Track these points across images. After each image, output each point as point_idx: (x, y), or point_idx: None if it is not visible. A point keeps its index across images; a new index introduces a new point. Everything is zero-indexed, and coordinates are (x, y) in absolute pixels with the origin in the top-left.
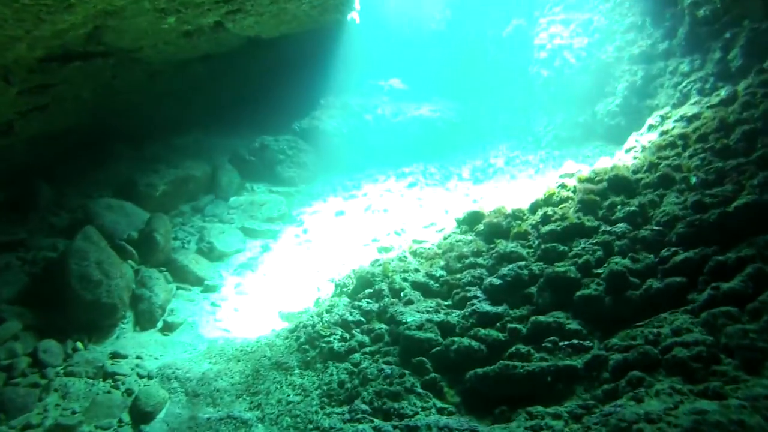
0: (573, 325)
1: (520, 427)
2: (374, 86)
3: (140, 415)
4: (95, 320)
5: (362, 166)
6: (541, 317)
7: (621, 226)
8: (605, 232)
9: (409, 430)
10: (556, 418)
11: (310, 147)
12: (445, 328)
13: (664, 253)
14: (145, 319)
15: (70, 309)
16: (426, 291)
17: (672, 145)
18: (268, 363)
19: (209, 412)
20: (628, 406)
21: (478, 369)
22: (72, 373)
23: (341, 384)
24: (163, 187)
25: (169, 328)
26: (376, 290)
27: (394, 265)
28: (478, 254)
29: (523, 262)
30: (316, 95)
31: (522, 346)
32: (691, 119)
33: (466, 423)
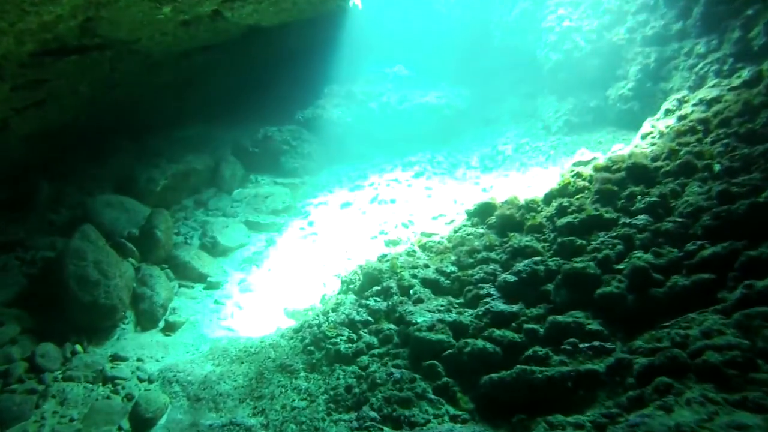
0: (593, 325)
1: None
2: (379, 73)
3: (140, 421)
4: (94, 322)
5: (368, 156)
6: (560, 317)
7: (642, 218)
8: (625, 224)
9: None
10: (578, 428)
11: (315, 137)
12: (458, 329)
13: (690, 247)
14: (146, 319)
15: (67, 311)
16: (436, 288)
17: (692, 130)
18: (273, 365)
19: (211, 417)
20: (657, 417)
21: (494, 374)
22: (70, 378)
23: (348, 389)
24: (164, 181)
25: (170, 328)
26: (384, 287)
27: (403, 261)
28: (491, 249)
29: (539, 258)
30: (320, 84)
31: (540, 349)
32: (711, 102)
33: None
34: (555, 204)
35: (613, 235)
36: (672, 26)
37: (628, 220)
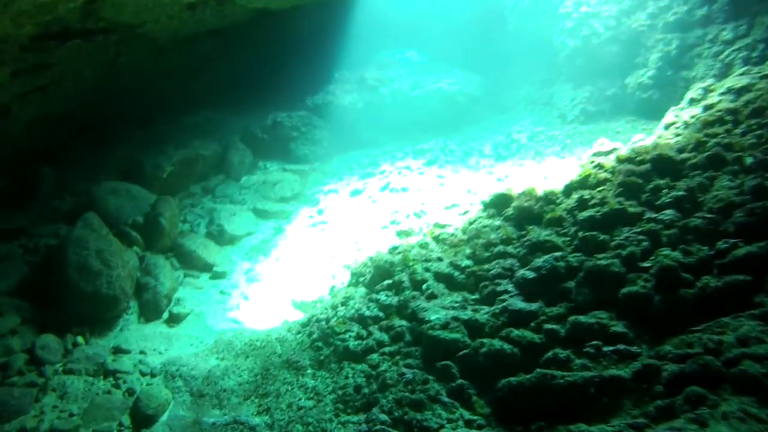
0: (618, 327)
1: None
2: (390, 59)
3: (141, 418)
4: (96, 313)
5: (379, 143)
6: (582, 317)
7: (668, 213)
8: (651, 219)
9: None
10: None
11: (325, 123)
12: (473, 328)
13: (721, 245)
14: (150, 310)
15: (69, 301)
16: (450, 283)
17: (720, 120)
18: (279, 361)
19: (215, 415)
20: (689, 430)
21: (512, 378)
22: (71, 371)
23: (357, 389)
24: (171, 168)
25: (175, 319)
26: (396, 281)
27: (415, 253)
28: (508, 242)
29: (559, 253)
30: (330, 69)
31: (560, 351)
32: (740, 91)
33: None
34: (575, 196)
35: (638, 230)
36: (696, 12)
37: (654, 215)
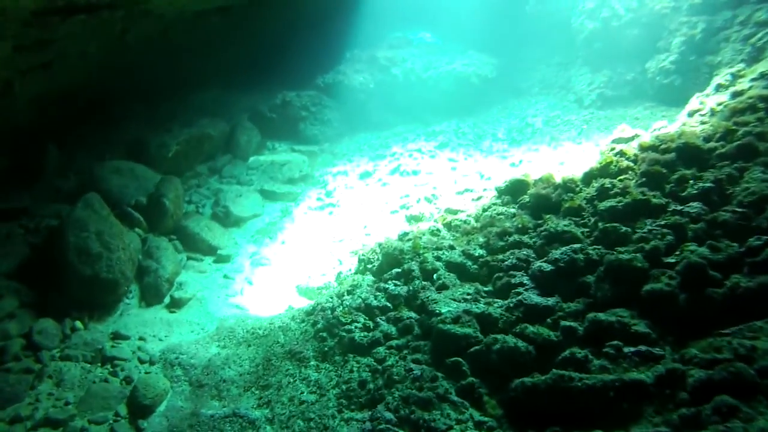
0: (640, 326)
1: None
2: (403, 39)
3: (138, 408)
4: (95, 297)
5: (390, 124)
6: (602, 315)
7: (695, 206)
8: (676, 212)
9: None
10: None
11: (335, 103)
12: (486, 322)
13: (753, 242)
14: (151, 294)
15: (67, 285)
16: (462, 273)
17: (751, 108)
18: (281, 351)
19: (214, 406)
20: None
21: (526, 378)
22: (68, 357)
23: (362, 384)
24: (176, 147)
25: (176, 304)
26: (405, 270)
27: (426, 240)
28: (524, 231)
29: (578, 245)
30: (342, 48)
31: (578, 350)
32: None
33: None
34: (596, 185)
35: (662, 223)
36: None
37: (679, 208)
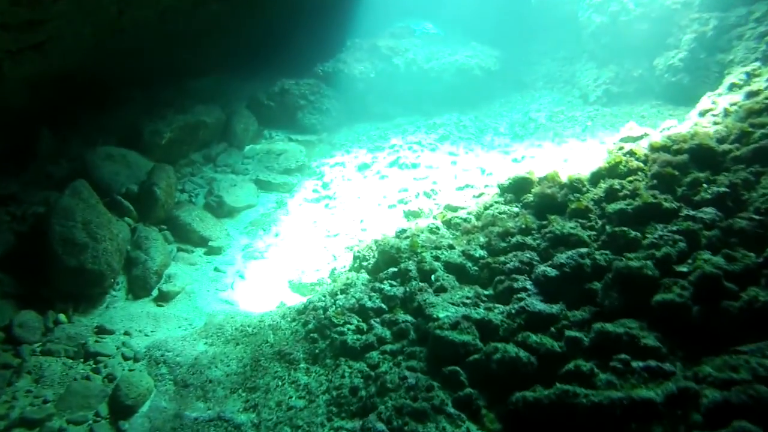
0: (649, 339)
1: None
2: (406, 29)
3: (120, 408)
4: (80, 289)
5: (390, 115)
6: (609, 326)
7: (708, 212)
8: (688, 217)
9: None
10: None
11: (334, 92)
12: (486, 329)
13: None
14: (139, 287)
15: (52, 276)
16: (462, 275)
17: None
18: (270, 351)
19: (198, 408)
20: None
21: (528, 393)
22: (50, 352)
23: (354, 390)
24: (170, 134)
25: (164, 297)
26: (402, 270)
27: (424, 239)
28: (527, 232)
29: (585, 249)
30: (343, 37)
31: (583, 363)
32: None
33: None
34: (604, 185)
35: (674, 229)
36: None
37: (692, 213)
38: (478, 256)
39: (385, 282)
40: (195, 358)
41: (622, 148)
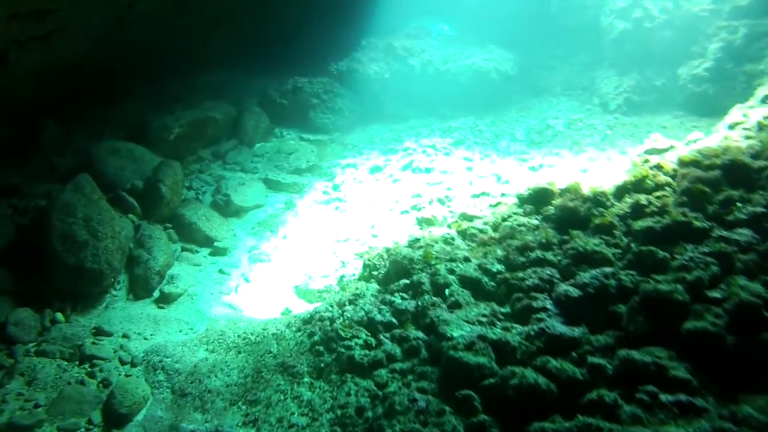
0: (679, 371)
1: None
2: (422, 29)
3: (114, 416)
4: (79, 288)
5: (404, 117)
6: (635, 353)
7: (744, 233)
8: (721, 238)
9: None
10: None
11: (348, 92)
12: (503, 351)
13: None
14: (140, 287)
15: (50, 273)
16: (478, 290)
17: None
18: (273, 363)
19: (195, 420)
20: None
21: (547, 424)
22: (44, 353)
23: (360, 411)
24: (178, 129)
25: (165, 299)
26: (414, 282)
27: (438, 249)
28: (548, 247)
29: (610, 269)
30: (358, 35)
31: (607, 393)
32: None
33: None
34: (629, 200)
35: (706, 251)
36: None
37: (725, 233)
38: (495, 270)
39: (396, 294)
40: (194, 366)
41: (647, 161)
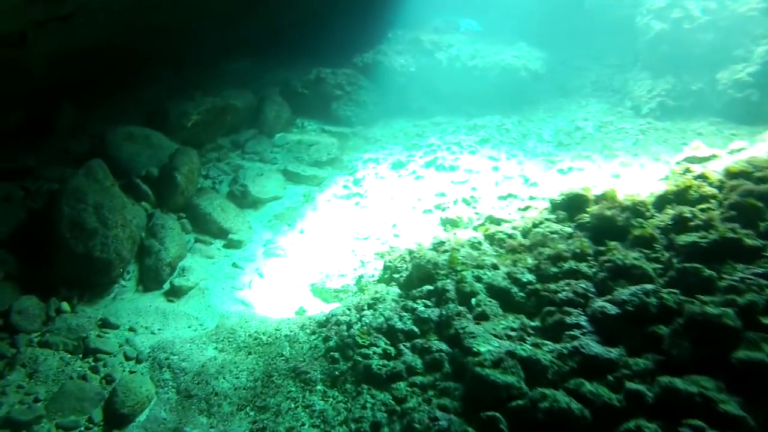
0: (730, 405)
1: None
2: (450, 23)
3: (115, 416)
4: (86, 277)
5: (429, 112)
6: (678, 381)
7: None
8: None
9: None
10: None
11: (372, 85)
12: (532, 370)
13: None
14: (150, 278)
15: (57, 260)
16: (506, 301)
17: None
18: (285, 367)
19: (200, 424)
20: None
21: None
22: (47, 344)
23: (376, 427)
24: (197, 116)
25: (176, 292)
26: (439, 289)
27: (465, 254)
28: (582, 258)
29: (650, 286)
30: (384, 27)
31: (646, 424)
32: None
33: None
34: (671, 212)
35: (759, 272)
36: None
37: None
38: (525, 280)
39: (419, 301)
40: (202, 365)
41: (688, 170)
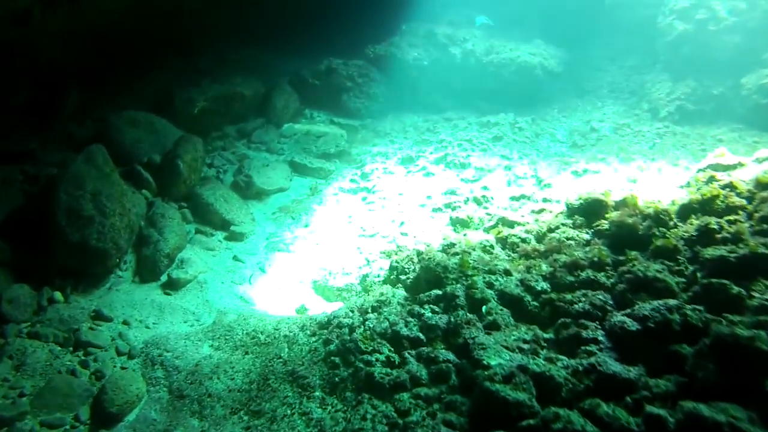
0: None
1: None
2: (465, 18)
3: (103, 414)
4: (81, 266)
5: (441, 107)
6: (704, 408)
7: None
8: None
9: None
10: None
11: (384, 77)
12: (545, 387)
13: None
14: (147, 270)
15: (52, 248)
16: (519, 310)
17: None
18: (282, 370)
19: (192, 426)
20: None
21: None
22: (37, 335)
23: None
24: (203, 103)
25: (173, 285)
26: (448, 294)
27: (476, 258)
28: (600, 267)
29: (674, 302)
30: (398, 20)
31: None
32: None
33: None
34: (696, 222)
35: None
36: None
37: None
38: (539, 289)
39: (426, 306)
40: (196, 364)
41: (713, 178)
